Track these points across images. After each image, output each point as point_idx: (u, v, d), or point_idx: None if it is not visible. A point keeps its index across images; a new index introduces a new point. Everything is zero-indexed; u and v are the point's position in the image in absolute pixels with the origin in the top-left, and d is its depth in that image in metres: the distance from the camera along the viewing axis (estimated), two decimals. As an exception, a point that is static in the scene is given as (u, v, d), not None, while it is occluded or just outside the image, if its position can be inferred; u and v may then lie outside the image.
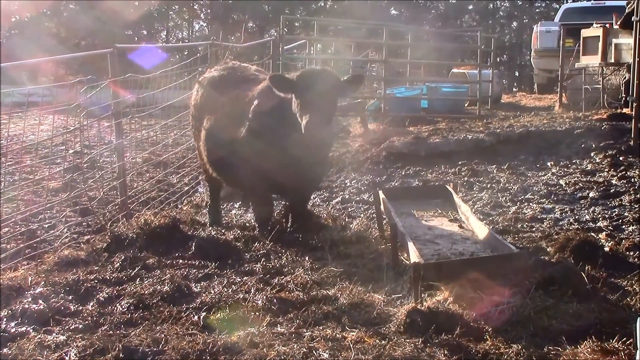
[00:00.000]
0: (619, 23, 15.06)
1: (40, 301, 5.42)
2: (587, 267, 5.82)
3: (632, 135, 11.59)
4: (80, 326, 5.03)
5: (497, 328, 4.84)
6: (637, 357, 3.48)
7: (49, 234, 7.86)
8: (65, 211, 8.57)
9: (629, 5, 14.39)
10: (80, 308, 5.42)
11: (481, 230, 6.48)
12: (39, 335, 4.80)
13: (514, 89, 42.52)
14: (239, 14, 50.91)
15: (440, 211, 7.43)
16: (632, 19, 11.94)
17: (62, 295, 5.63)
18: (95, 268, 6.44)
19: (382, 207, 7.37)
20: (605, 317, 5.00)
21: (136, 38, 48.24)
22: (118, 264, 6.46)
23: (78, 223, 8.35)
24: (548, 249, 6.73)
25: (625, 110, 14.20)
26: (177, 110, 11.71)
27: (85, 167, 9.68)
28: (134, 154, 10.80)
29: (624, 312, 5.15)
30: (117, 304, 5.46)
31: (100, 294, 5.66)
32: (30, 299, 5.47)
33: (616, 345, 4.46)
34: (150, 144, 12.36)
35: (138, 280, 6.06)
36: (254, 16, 50.83)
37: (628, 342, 4.39)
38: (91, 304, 5.52)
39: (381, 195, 7.41)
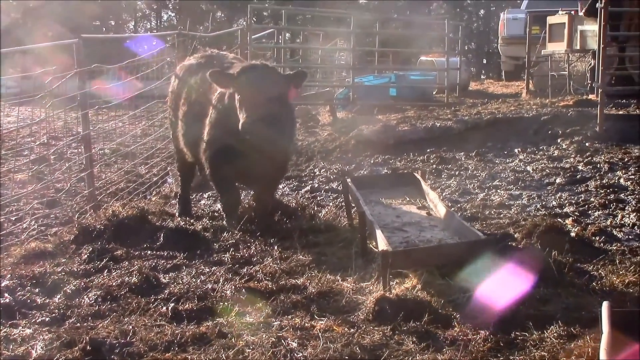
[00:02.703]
0: (584, 11, 15.15)
1: (7, 294, 5.36)
2: (553, 253, 5.85)
3: (598, 121, 11.68)
4: (47, 319, 4.98)
5: (464, 314, 4.85)
6: (603, 341, 3.49)
7: (15, 226, 7.75)
8: (32, 203, 8.46)
9: (593, -6, 14.50)
10: (47, 301, 5.36)
11: (449, 218, 6.49)
12: (5, 329, 4.75)
13: (482, 77, 42.65)
14: (207, 4, 50.65)
15: (408, 199, 7.43)
16: (597, 6, 12.01)
17: (28, 288, 5.56)
18: (63, 260, 6.37)
19: (350, 195, 7.36)
20: (572, 301, 5.05)
21: (104, 29, 47.83)
22: (86, 255, 6.39)
23: (45, 215, 8.25)
24: (515, 235, 6.74)
25: (591, 96, 14.31)
26: (145, 101, 11.62)
27: (52, 158, 9.59)
28: (102, 145, 10.70)
29: (590, 297, 5.18)
30: (85, 296, 5.41)
31: (68, 287, 5.61)
32: (-4, 293, 5.40)
33: (582, 330, 4.49)
34: (119, 134, 12.25)
35: (106, 272, 6.01)
36: (222, 6, 50.57)
37: (594, 326, 4.40)
38: (58, 296, 5.46)
39: (350, 183, 7.39)
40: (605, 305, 3.76)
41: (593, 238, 6.73)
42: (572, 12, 16.19)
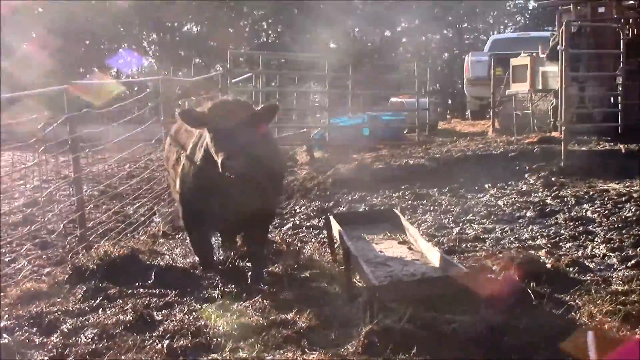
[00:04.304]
0: (545, 56, 15.34)
1: (5, 335, 5.24)
2: (532, 284, 5.83)
3: (563, 157, 11.77)
4: (46, 358, 4.88)
5: (451, 346, 4.79)
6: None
7: (10, 267, 7.62)
8: (25, 245, 8.34)
9: (553, 38, 14.71)
10: (45, 340, 5.23)
11: (430, 252, 6.45)
12: (6, 370, 4.64)
13: (448, 116, 42.91)
14: (185, 50, 50.72)
15: (389, 234, 7.39)
16: (558, 48, 12.16)
17: (26, 328, 5.44)
18: (58, 300, 6.24)
19: (333, 231, 7.29)
20: (554, 331, 4.98)
21: (87, 75, 47.66)
22: (80, 295, 6.27)
23: (38, 256, 8.13)
24: (494, 268, 6.71)
25: (554, 133, 14.43)
26: (130, 144, 11.55)
27: (43, 201, 9.47)
28: (90, 187, 10.61)
29: (570, 327, 5.13)
30: (82, 335, 5.29)
31: (64, 326, 5.49)
32: (-6, 333, 5.29)
33: (567, 359, 4.44)
34: (106, 177, 12.16)
35: (101, 310, 5.89)
36: (201, 52, 50.62)
37: (577, 354, 4.35)
38: (55, 335, 5.33)
39: (332, 220, 7.34)
40: (590, 333, 3.74)
41: (567, 269, 6.71)
42: (534, 55, 16.39)
